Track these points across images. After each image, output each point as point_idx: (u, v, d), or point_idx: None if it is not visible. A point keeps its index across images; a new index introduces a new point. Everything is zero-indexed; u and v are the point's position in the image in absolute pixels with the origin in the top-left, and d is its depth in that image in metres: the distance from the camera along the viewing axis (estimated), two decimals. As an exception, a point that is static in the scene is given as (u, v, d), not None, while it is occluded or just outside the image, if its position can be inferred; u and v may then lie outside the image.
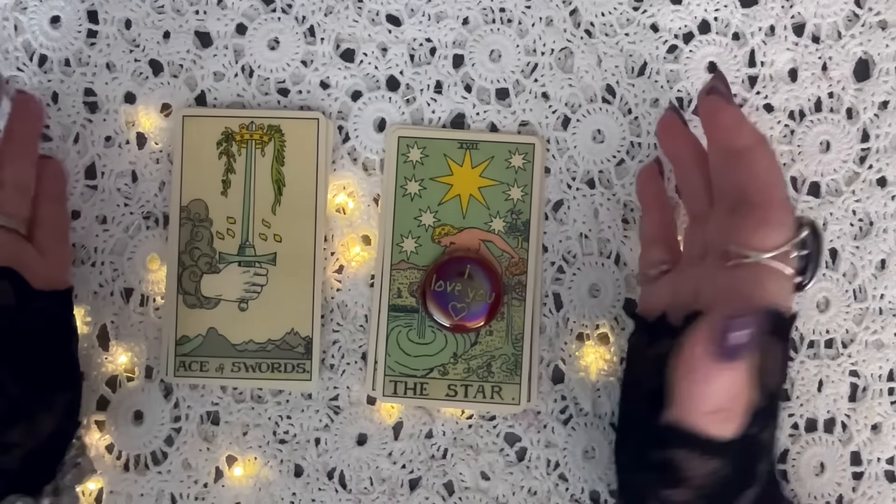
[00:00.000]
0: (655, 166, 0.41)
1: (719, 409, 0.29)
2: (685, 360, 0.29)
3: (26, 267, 0.37)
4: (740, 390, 0.29)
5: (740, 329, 0.27)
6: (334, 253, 0.43)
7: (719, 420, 0.29)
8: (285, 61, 0.43)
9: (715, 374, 0.28)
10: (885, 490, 0.42)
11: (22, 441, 0.35)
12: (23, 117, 0.41)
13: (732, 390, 0.29)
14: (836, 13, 0.43)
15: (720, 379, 0.28)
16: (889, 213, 0.43)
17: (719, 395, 0.29)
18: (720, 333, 0.28)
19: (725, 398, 0.29)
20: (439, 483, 0.43)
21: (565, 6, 0.43)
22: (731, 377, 0.28)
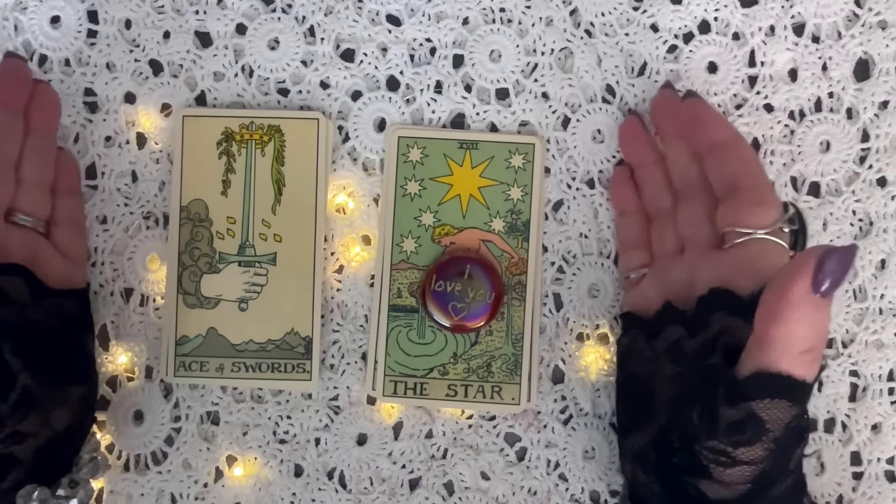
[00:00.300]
0: (627, 170, 0.42)
1: (810, 349, 0.30)
2: (781, 301, 0.29)
3: (43, 265, 0.38)
4: (826, 329, 0.30)
5: (836, 262, 0.28)
6: (334, 253, 0.43)
7: (809, 360, 0.30)
8: (285, 61, 0.43)
9: (812, 310, 0.29)
10: (885, 490, 0.42)
11: (36, 432, 0.36)
12: (43, 109, 0.41)
13: (823, 328, 0.30)
14: (836, 13, 0.43)
15: (816, 315, 0.29)
16: (889, 213, 0.43)
17: (813, 333, 0.29)
18: (818, 268, 0.28)
19: (818, 336, 0.30)
20: (439, 483, 0.43)
21: (565, 6, 0.43)
22: (824, 315, 0.29)
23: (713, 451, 0.32)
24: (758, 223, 0.34)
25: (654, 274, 0.39)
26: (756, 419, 0.30)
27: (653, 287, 0.39)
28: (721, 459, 0.31)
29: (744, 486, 0.32)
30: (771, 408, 0.30)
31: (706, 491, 0.33)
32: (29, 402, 0.35)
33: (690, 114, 0.38)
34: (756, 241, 0.34)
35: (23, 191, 0.39)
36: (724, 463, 0.31)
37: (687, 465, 0.33)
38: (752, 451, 0.31)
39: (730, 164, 0.36)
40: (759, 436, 0.31)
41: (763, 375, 0.30)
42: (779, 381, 0.30)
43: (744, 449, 0.31)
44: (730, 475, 0.32)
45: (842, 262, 0.28)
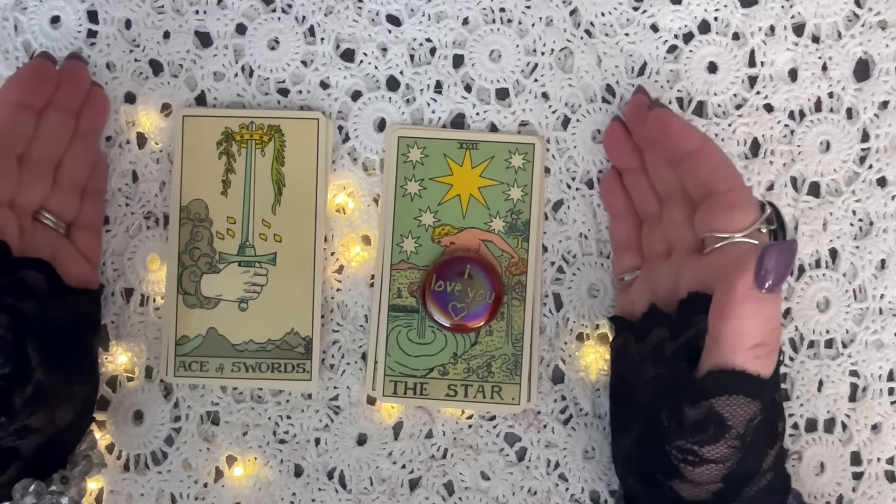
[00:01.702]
0: (616, 173, 0.42)
1: (761, 344, 0.30)
2: (727, 299, 0.30)
3: (64, 264, 0.39)
4: (777, 324, 0.31)
5: (777, 257, 0.29)
6: (334, 253, 0.43)
7: (761, 355, 0.31)
8: (285, 61, 0.43)
9: (757, 306, 0.30)
10: (885, 490, 0.42)
11: (42, 427, 0.36)
12: (94, 113, 0.41)
13: (772, 323, 0.31)
14: (836, 13, 0.43)
15: (762, 310, 0.30)
16: (889, 213, 0.43)
17: (762, 328, 0.30)
18: (759, 265, 0.29)
19: (767, 331, 0.30)
20: (439, 483, 0.43)
21: (565, 6, 0.43)
22: (771, 308, 0.30)
23: (681, 451, 0.32)
24: (734, 227, 0.34)
25: (643, 276, 0.40)
26: (717, 416, 0.31)
27: (641, 290, 0.39)
28: (689, 458, 0.32)
29: (714, 485, 0.32)
30: (730, 404, 0.31)
31: (680, 492, 0.33)
32: (40, 397, 0.35)
33: (656, 125, 0.38)
34: (733, 244, 0.34)
35: (56, 192, 0.40)
36: (693, 462, 0.32)
37: (661, 466, 0.33)
38: (716, 448, 0.31)
39: (701, 172, 0.35)
40: (721, 433, 0.31)
41: (717, 373, 0.31)
42: (732, 376, 0.31)
43: (709, 447, 0.31)
44: (699, 474, 0.32)
45: (782, 257, 0.29)
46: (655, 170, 0.39)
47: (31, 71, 0.39)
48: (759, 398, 0.31)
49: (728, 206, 0.34)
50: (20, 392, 0.34)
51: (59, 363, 0.36)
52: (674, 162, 0.37)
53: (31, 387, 0.35)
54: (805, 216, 0.43)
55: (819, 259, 0.43)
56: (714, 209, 0.34)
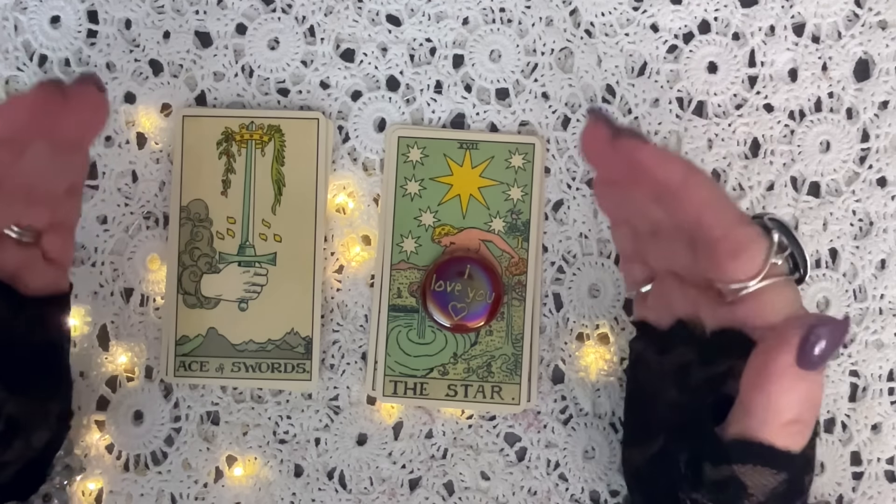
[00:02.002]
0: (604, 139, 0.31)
1: (796, 421, 0.28)
2: (764, 370, 0.28)
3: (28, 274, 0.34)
4: (817, 400, 0.28)
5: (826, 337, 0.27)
6: (334, 253, 0.43)
7: (795, 432, 0.29)
8: (285, 61, 0.43)
9: (797, 384, 0.27)
10: (885, 490, 0.42)
11: (18, 458, 0.34)
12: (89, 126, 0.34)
13: (811, 400, 0.28)
14: (836, 13, 0.43)
15: (802, 388, 0.28)
16: (889, 213, 0.43)
17: (800, 405, 0.28)
18: (804, 344, 0.27)
19: (805, 408, 0.28)
20: (439, 483, 0.43)
21: (565, 6, 0.43)
22: (812, 386, 0.28)
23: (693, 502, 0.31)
24: (743, 276, 0.30)
25: (657, 293, 0.36)
26: (738, 482, 0.29)
27: (658, 306, 0.36)
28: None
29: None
30: (753, 474, 0.29)
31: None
32: (15, 430, 0.33)
33: (625, 161, 0.30)
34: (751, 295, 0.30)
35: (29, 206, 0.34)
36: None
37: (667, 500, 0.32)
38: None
39: (686, 211, 0.30)
40: (741, 499, 0.29)
41: (744, 442, 0.29)
42: (760, 450, 0.28)
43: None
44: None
45: (832, 337, 0.27)
46: (637, 205, 0.33)
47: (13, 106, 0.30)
48: (787, 470, 0.29)
49: (729, 256, 0.30)
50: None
51: (30, 387, 0.34)
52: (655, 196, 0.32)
53: (1, 423, 0.32)
54: (805, 216, 0.43)
55: (819, 259, 0.43)
56: (717, 259, 0.30)
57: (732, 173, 0.43)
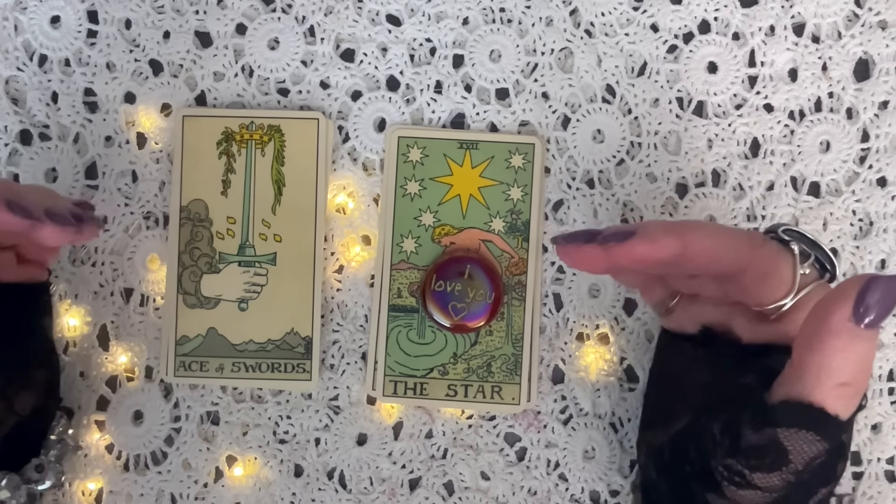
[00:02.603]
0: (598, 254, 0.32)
1: (849, 384, 0.28)
2: (819, 329, 0.28)
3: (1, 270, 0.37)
4: (869, 365, 0.28)
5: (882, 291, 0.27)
6: (334, 253, 0.43)
7: (846, 396, 0.28)
8: (285, 61, 0.43)
9: (852, 341, 0.27)
10: (885, 490, 0.42)
11: (3, 418, 0.35)
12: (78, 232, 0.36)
13: (865, 362, 0.28)
14: (836, 13, 0.43)
15: (856, 347, 0.27)
16: (889, 213, 0.43)
17: (853, 366, 0.28)
18: (859, 298, 0.27)
19: (858, 370, 0.28)
20: (439, 483, 0.43)
21: (565, 6, 0.43)
22: (866, 346, 0.27)
23: (729, 470, 0.30)
24: (778, 297, 0.31)
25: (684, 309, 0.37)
26: (779, 447, 0.29)
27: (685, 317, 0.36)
28: (736, 479, 0.30)
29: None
30: (797, 439, 0.29)
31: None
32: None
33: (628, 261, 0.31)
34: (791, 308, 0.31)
35: None
36: (738, 483, 0.30)
37: (700, 476, 0.32)
38: (769, 478, 0.29)
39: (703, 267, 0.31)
40: (779, 465, 0.29)
41: (792, 404, 0.28)
42: (808, 412, 0.28)
43: (761, 475, 0.29)
44: (741, 497, 0.30)
45: (888, 291, 0.27)
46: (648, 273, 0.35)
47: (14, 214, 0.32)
48: (830, 439, 0.29)
49: (758, 283, 0.30)
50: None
51: (6, 353, 0.36)
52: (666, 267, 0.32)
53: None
54: (805, 216, 0.43)
55: (819, 259, 0.43)
56: (747, 290, 0.31)
57: (732, 173, 0.43)
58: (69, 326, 0.43)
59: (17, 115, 0.43)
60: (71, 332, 0.43)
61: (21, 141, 0.43)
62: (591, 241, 0.31)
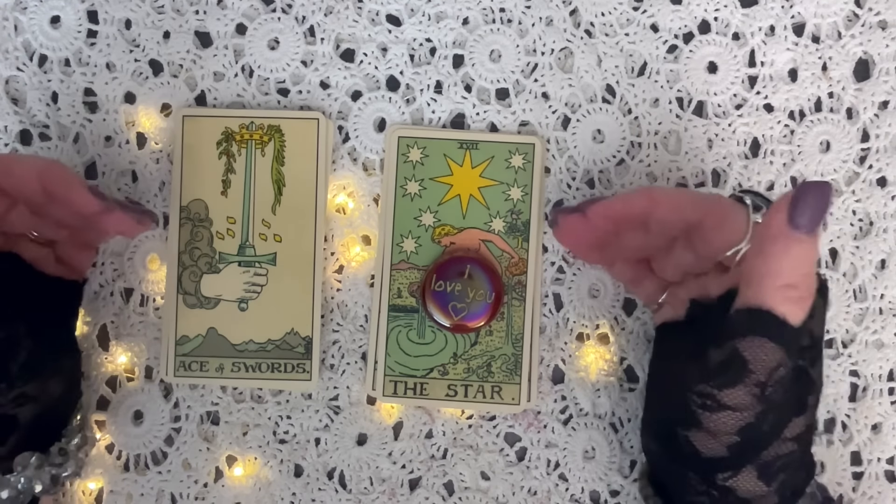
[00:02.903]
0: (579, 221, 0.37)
1: (792, 285, 0.30)
2: (762, 236, 0.30)
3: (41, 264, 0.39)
4: (811, 270, 0.30)
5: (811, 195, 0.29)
6: (334, 253, 0.43)
7: (792, 298, 0.30)
8: (285, 61, 0.43)
9: (789, 244, 0.30)
10: (885, 490, 0.42)
11: (38, 395, 0.37)
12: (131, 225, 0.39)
13: (805, 266, 0.30)
14: (836, 13, 0.43)
15: (794, 250, 0.30)
16: (889, 213, 0.43)
17: (794, 269, 0.30)
18: (792, 203, 0.30)
19: (799, 273, 0.30)
20: (439, 483, 0.43)
21: (565, 6, 0.43)
22: (804, 250, 0.30)
23: (701, 395, 0.32)
24: (734, 240, 0.33)
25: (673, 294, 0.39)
26: (740, 358, 0.31)
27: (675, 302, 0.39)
28: (708, 403, 0.32)
29: (730, 437, 0.32)
30: (753, 346, 0.31)
31: (697, 445, 0.33)
32: (33, 365, 0.36)
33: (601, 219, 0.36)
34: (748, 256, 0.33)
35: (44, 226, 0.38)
36: (710, 407, 0.32)
37: (680, 417, 0.33)
38: (735, 393, 0.31)
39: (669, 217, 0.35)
40: (742, 376, 0.31)
41: (745, 311, 0.31)
42: (758, 316, 0.30)
43: (728, 391, 0.31)
44: (716, 421, 0.32)
45: (815, 195, 0.29)
46: (630, 242, 0.38)
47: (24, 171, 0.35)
48: (784, 346, 0.31)
49: (716, 229, 0.33)
50: (14, 359, 0.35)
51: (44, 337, 0.37)
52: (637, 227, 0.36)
53: (23, 354, 0.36)
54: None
55: (819, 259, 0.43)
56: (707, 239, 0.34)
57: (732, 173, 0.43)
58: (69, 326, 0.43)
59: (17, 115, 0.43)
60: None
61: (21, 141, 0.43)
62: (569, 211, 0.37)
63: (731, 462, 0.33)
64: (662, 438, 0.36)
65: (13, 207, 0.37)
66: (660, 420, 0.37)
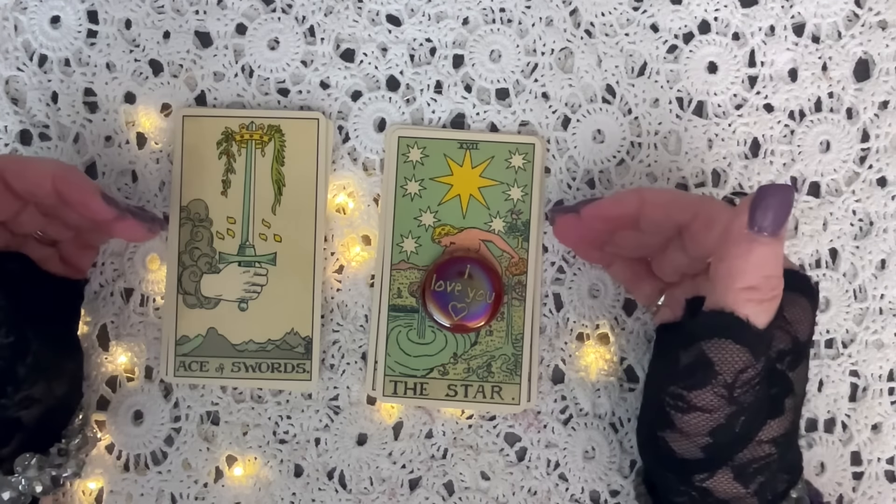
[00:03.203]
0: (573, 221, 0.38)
1: (754, 287, 0.30)
2: (724, 240, 0.31)
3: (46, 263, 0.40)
4: (774, 272, 0.31)
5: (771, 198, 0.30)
6: (334, 253, 0.43)
7: (755, 299, 0.30)
8: (285, 61, 0.43)
9: (750, 246, 0.30)
10: (885, 490, 0.42)
11: (42, 397, 0.37)
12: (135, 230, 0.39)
13: (766, 268, 0.30)
14: (836, 13, 0.43)
15: (755, 252, 0.30)
16: (889, 213, 0.43)
17: (755, 271, 0.30)
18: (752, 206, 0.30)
19: (761, 275, 0.30)
20: (439, 483, 0.43)
21: (565, 6, 0.43)
22: (765, 252, 0.30)
23: (672, 396, 0.33)
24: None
25: (671, 295, 0.39)
26: (705, 360, 0.31)
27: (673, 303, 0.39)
28: (678, 405, 0.32)
29: (702, 438, 0.32)
30: (718, 348, 0.31)
31: (672, 444, 0.33)
32: (39, 367, 0.36)
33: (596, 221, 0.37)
34: None
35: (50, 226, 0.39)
36: (681, 408, 0.32)
37: (656, 417, 0.34)
38: (703, 394, 0.32)
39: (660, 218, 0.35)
40: (708, 378, 0.31)
41: (709, 314, 0.31)
42: (722, 317, 0.31)
43: (696, 392, 0.32)
44: (687, 422, 0.32)
45: (775, 198, 0.30)
46: (625, 241, 0.38)
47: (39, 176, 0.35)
48: (749, 348, 0.31)
49: (705, 230, 0.33)
50: (22, 362, 0.35)
51: (49, 338, 0.38)
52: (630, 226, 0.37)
53: (31, 357, 0.36)
54: (805, 216, 0.43)
55: (819, 259, 0.43)
56: (697, 240, 0.34)
57: (732, 173, 0.43)
58: (69, 326, 0.43)
59: (17, 115, 0.43)
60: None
61: (21, 141, 0.43)
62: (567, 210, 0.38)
63: (706, 463, 0.33)
64: (646, 439, 0.36)
65: (24, 208, 0.37)
66: (646, 422, 0.37)
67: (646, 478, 0.39)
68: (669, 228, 0.35)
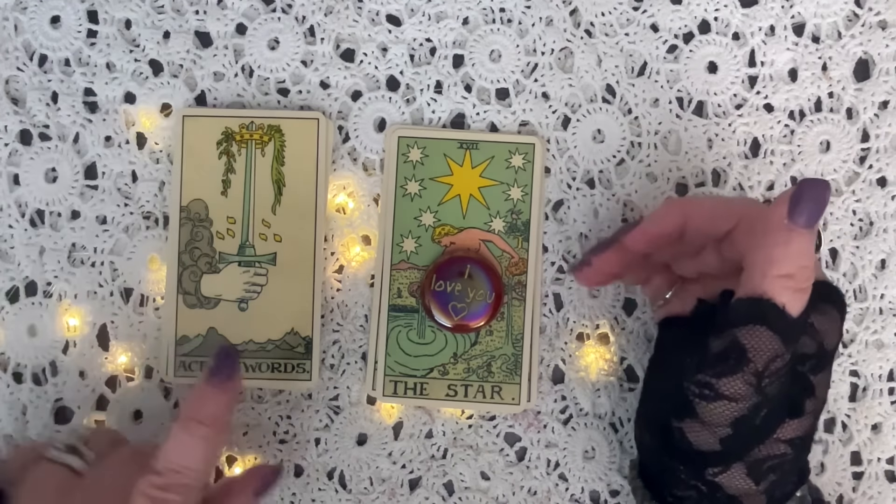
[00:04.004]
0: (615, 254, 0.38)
1: (790, 275, 0.31)
2: (763, 228, 0.32)
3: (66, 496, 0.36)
4: (810, 263, 0.31)
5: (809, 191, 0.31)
6: (334, 253, 0.43)
7: (790, 287, 0.31)
8: (285, 61, 0.43)
9: (789, 236, 0.31)
10: (885, 490, 0.42)
11: None
12: None
13: (803, 259, 0.31)
14: (836, 13, 0.43)
15: (793, 242, 0.31)
16: (889, 213, 0.43)
17: (792, 260, 0.31)
18: (793, 198, 0.31)
19: (797, 265, 0.31)
20: (439, 483, 0.43)
21: (565, 6, 0.43)
22: (802, 242, 0.31)
23: (699, 385, 0.32)
24: None
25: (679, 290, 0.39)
26: (739, 347, 0.31)
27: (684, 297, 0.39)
28: (705, 392, 0.32)
29: (723, 428, 0.32)
30: (752, 335, 0.31)
31: (690, 437, 0.33)
32: None
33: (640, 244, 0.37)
34: None
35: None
36: (707, 396, 0.32)
37: (675, 407, 0.34)
38: (733, 382, 0.32)
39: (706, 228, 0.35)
40: (740, 365, 0.31)
41: (745, 300, 0.31)
42: (758, 304, 0.31)
43: (726, 379, 0.32)
44: (711, 411, 0.32)
45: (815, 192, 0.31)
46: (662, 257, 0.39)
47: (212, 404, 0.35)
48: (783, 337, 0.31)
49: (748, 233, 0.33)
50: None
51: None
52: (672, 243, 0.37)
53: None
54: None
55: (819, 259, 0.43)
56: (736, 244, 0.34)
57: (732, 173, 0.43)
58: (69, 326, 0.43)
59: (17, 115, 0.43)
60: (71, 332, 0.43)
61: (21, 141, 0.43)
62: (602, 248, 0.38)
63: (721, 456, 0.33)
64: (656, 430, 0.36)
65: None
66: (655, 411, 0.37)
67: (641, 471, 0.39)
68: (713, 237, 0.36)
